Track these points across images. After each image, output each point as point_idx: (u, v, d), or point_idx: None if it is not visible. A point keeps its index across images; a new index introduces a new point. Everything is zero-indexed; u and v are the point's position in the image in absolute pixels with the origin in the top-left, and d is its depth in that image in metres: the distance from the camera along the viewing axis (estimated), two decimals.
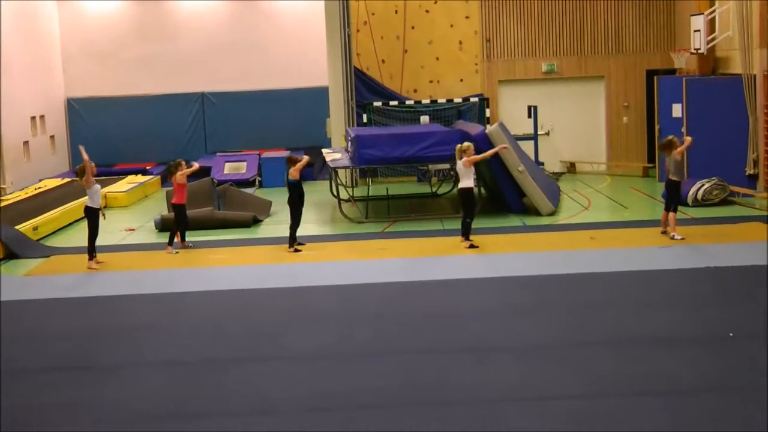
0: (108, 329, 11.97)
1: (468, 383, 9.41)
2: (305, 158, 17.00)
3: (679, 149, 16.17)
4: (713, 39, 21.86)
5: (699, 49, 22.03)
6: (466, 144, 16.42)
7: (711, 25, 21.89)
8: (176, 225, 17.19)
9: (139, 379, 9.95)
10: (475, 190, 16.73)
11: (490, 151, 17.43)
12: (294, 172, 16.65)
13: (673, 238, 15.91)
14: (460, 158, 16.20)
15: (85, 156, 15.88)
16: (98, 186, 16.17)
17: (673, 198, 16.17)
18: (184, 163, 17.50)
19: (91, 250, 15.66)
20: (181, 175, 17.10)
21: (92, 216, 15.77)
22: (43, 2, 27.76)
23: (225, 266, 15.62)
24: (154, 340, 11.42)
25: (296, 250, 16.33)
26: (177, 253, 16.65)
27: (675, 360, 9.81)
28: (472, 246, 16.01)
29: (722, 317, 11.31)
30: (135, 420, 8.80)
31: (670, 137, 16.39)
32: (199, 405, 9.14)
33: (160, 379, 9.93)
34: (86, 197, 16.07)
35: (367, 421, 8.53)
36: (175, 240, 17.01)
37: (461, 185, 16.29)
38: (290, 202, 16.70)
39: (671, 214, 16.12)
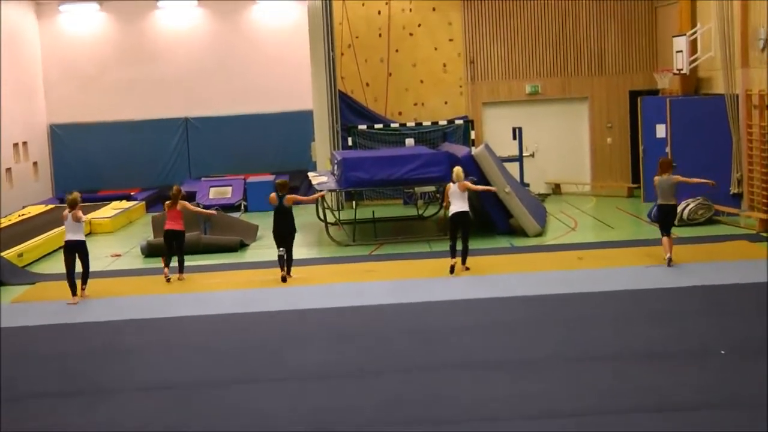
0: (96, 354, 11.90)
1: (459, 400, 9.42)
2: (317, 195, 18.53)
3: (687, 179, 15.92)
4: (696, 59, 21.99)
5: (682, 69, 22.16)
6: (457, 169, 16.25)
7: (693, 46, 22.03)
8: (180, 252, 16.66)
9: (130, 403, 9.91)
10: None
11: (487, 188, 17.63)
12: (290, 200, 16.26)
13: (670, 262, 15.55)
14: (455, 182, 15.98)
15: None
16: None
17: (671, 222, 15.98)
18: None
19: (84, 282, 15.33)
20: (182, 204, 16.70)
21: (84, 249, 15.45)
22: (24, 28, 27.67)
23: (214, 291, 15.55)
24: (143, 364, 11.36)
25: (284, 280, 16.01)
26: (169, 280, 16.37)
27: (665, 376, 9.82)
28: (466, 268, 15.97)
29: (710, 334, 11.33)
30: None
31: (670, 158, 16.26)
32: (191, 427, 9.07)
33: (151, 403, 9.89)
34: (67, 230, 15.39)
35: None
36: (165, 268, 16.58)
37: (461, 209, 15.86)
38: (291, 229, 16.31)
39: (668, 238, 15.77)
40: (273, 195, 16.24)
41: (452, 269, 15.67)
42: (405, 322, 12.76)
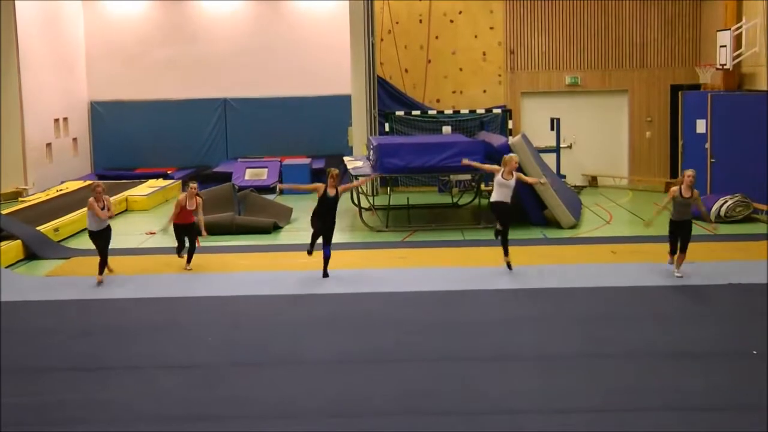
0: (126, 330, 11.98)
1: (488, 391, 9.40)
2: (360, 182, 17.85)
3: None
4: (739, 55, 21.72)
5: (725, 64, 21.91)
6: (508, 157, 15.19)
7: (737, 41, 21.76)
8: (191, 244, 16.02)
9: (155, 381, 9.97)
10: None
11: (532, 180, 16.38)
12: (332, 189, 14.99)
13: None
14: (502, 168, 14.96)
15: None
16: None
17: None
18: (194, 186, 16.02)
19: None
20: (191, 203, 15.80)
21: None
22: (68, 4, 27.87)
23: (245, 271, 15.60)
24: (171, 343, 11.43)
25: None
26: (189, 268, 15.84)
27: (693, 375, 9.73)
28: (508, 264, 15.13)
29: (742, 333, 11.21)
30: (149, 421, 8.80)
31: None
32: (214, 407, 9.12)
33: (176, 382, 9.94)
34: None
35: (385, 428, 8.47)
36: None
37: (500, 199, 15.05)
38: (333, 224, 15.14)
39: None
40: (322, 185, 14.96)
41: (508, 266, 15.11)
42: (433, 310, 12.72)
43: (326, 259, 14.90)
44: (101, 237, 15.09)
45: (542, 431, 8.41)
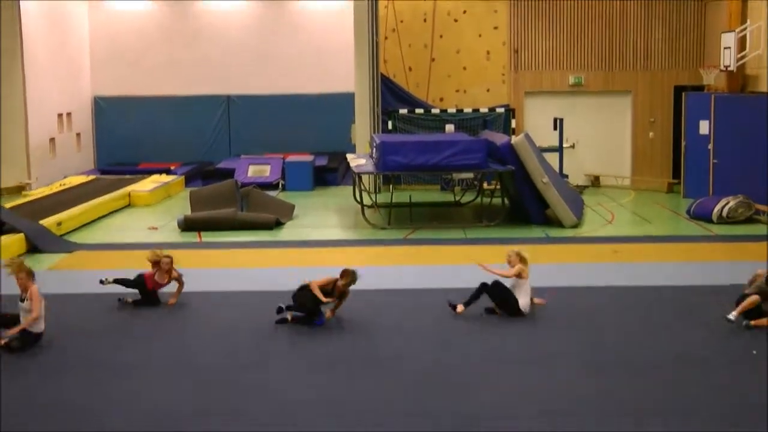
0: (128, 326, 12.00)
1: (486, 391, 9.41)
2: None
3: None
4: (743, 57, 21.75)
5: (729, 66, 21.92)
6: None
7: (742, 43, 21.79)
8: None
9: (156, 378, 9.96)
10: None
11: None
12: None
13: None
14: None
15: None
16: None
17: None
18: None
19: None
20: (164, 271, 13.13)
21: None
22: (74, 3, 27.91)
23: (247, 268, 15.63)
24: (173, 340, 11.44)
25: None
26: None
27: (694, 379, 9.73)
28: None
29: (745, 335, 11.21)
30: (150, 418, 8.80)
31: None
32: (218, 405, 9.13)
33: (177, 379, 9.94)
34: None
35: (384, 427, 8.49)
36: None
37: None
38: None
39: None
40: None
41: None
42: (434, 307, 12.73)
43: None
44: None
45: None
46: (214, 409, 8.97)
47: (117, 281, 13.07)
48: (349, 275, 11.96)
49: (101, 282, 13.04)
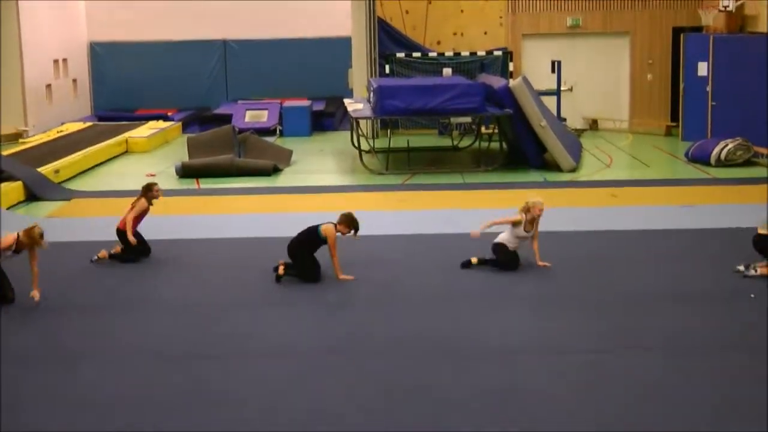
0: (126, 271, 12.05)
1: (483, 331, 9.51)
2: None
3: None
4: None
5: (728, 6, 21.77)
6: (532, 202, 11.72)
7: None
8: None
9: (154, 321, 10.08)
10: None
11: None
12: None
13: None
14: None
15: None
16: None
17: None
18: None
19: None
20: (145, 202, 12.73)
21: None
22: None
23: (245, 213, 15.65)
24: (172, 284, 11.51)
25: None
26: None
27: (692, 319, 9.81)
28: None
29: (742, 277, 11.27)
30: (149, 359, 8.90)
31: None
32: (213, 347, 9.22)
33: (175, 321, 10.04)
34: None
35: (383, 367, 8.57)
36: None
37: (513, 247, 11.87)
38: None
39: None
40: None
41: None
42: (432, 252, 12.77)
43: None
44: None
45: (538, 370, 8.50)
46: (216, 349, 9.05)
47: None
48: (346, 221, 11.42)
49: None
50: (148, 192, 12.69)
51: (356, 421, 7.50)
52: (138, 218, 12.58)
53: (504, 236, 11.84)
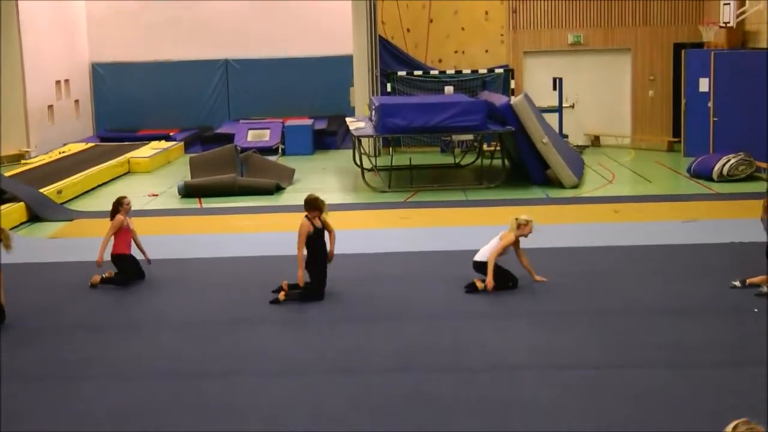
0: (130, 290, 12.03)
1: (486, 347, 9.49)
2: None
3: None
4: (743, 12, 21.62)
5: (728, 22, 21.80)
6: (524, 220, 11.78)
7: None
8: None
9: (156, 339, 10.07)
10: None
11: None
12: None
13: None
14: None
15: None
16: None
17: None
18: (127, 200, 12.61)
19: None
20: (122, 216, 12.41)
21: None
22: None
23: (248, 233, 15.65)
24: (174, 302, 11.50)
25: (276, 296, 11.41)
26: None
27: (694, 333, 9.78)
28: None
29: (744, 292, 11.23)
30: (154, 377, 8.88)
31: None
32: (218, 364, 9.20)
33: (177, 339, 10.03)
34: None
35: (387, 383, 8.55)
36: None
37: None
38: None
39: None
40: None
41: None
42: (435, 269, 12.76)
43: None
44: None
45: (541, 387, 8.48)
46: (221, 366, 9.03)
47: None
48: (308, 205, 11.39)
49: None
50: (120, 206, 12.44)
51: None
52: (123, 235, 12.38)
53: (489, 254, 11.54)
